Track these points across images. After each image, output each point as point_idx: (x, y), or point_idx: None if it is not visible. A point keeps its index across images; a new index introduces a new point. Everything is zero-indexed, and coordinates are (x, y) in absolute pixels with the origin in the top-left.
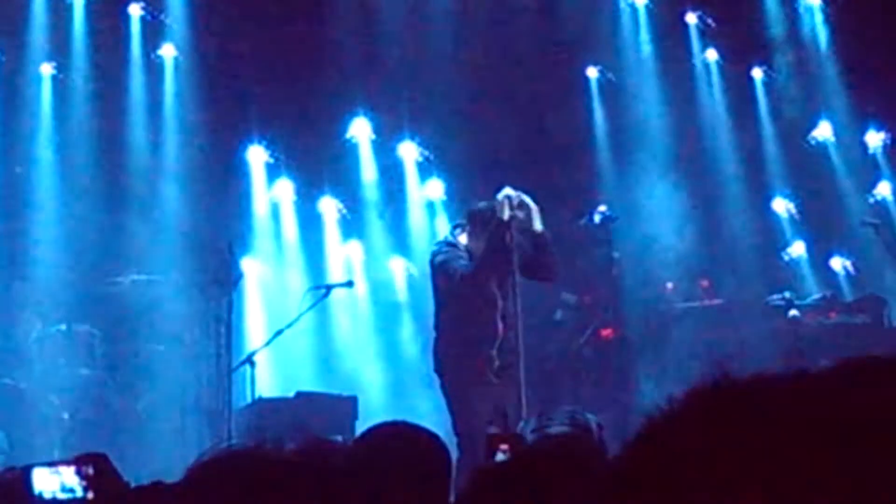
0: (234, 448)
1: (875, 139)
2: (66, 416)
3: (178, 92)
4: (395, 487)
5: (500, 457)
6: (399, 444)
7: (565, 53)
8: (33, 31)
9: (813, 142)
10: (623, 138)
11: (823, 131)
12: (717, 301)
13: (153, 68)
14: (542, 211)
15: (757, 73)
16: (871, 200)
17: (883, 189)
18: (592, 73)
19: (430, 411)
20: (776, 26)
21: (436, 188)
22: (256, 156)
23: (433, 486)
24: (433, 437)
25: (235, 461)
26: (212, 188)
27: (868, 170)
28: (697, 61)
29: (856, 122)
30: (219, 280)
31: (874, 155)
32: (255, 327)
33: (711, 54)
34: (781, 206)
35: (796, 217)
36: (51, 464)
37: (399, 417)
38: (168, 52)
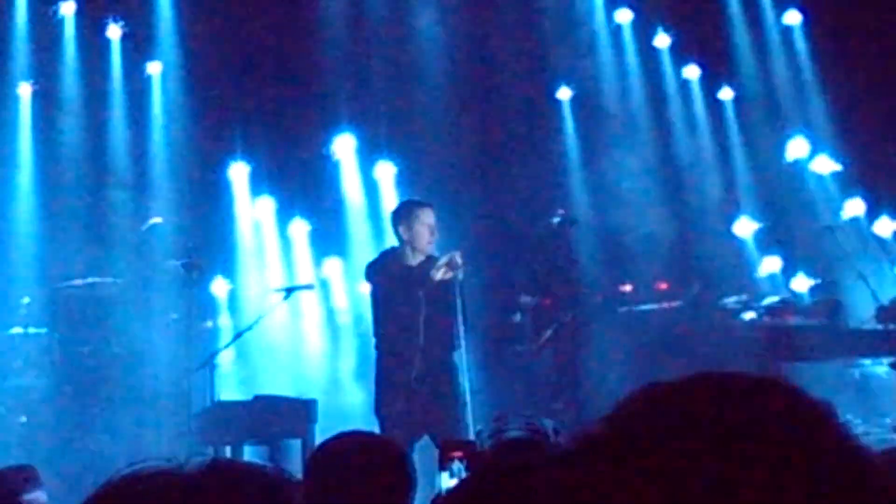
0: (134, 472)
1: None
2: (23, 419)
3: (163, 108)
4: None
5: (455, 464)
6: (357, 457)
7: (540, 73)
8: (15, 48)
9: (786, 161)
10: (593, 152)
11: (797, 150)
12: (675, 303)
13: (137, 85)
14: (502, 216)
15: (728, 94)
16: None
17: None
18: (565, 93)
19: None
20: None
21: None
22: (238, 173)
23: (395, 497)
24: (392, 445)
25: (131, 487)
26: (194, 203)
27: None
28: (670, 81)
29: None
30: (181, 282)
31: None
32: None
33: (690, 72)
34: (747, 227)
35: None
36: None
37: (359, 420)
38: (155, 69)
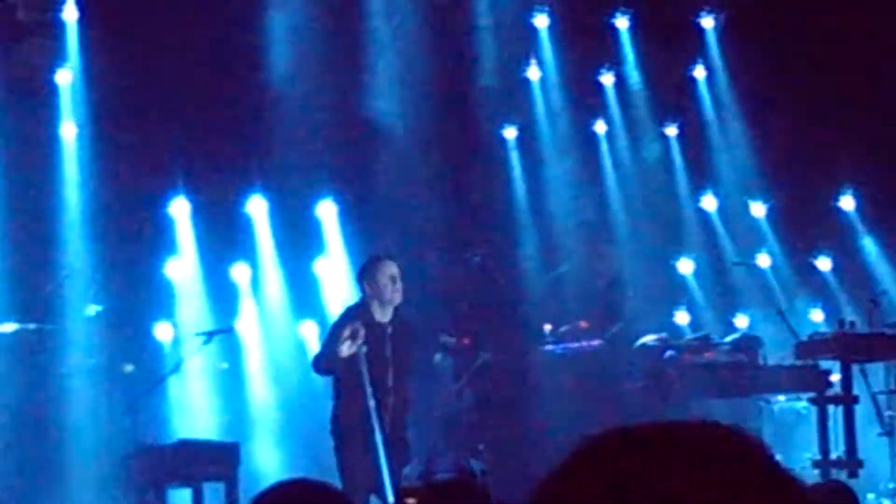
0: None
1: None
2: None
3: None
4: None
5: None
6: None
7: (483, 112)
8: None
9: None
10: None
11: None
12: (596, 342)
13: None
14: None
15: (671, 131)
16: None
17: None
18: (511, 133)
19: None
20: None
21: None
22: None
23: None
24: (336, 496)
25: None
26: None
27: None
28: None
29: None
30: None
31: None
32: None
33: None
34: (687, 266)
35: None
36: None
37: (286, 463)
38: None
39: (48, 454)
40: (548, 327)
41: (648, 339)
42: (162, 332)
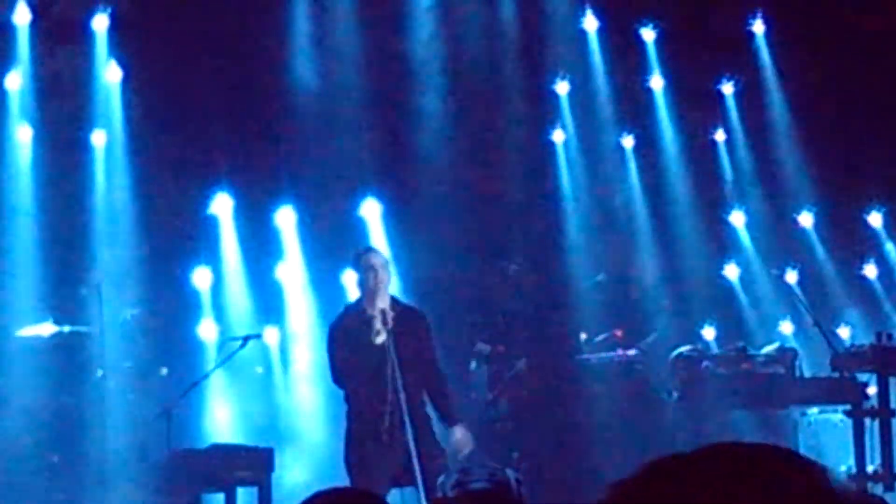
0: None
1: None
2: None
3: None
4: None
5: None
6: None
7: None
8: None
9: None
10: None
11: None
12: (631, 352)
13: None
14: (452, 261)
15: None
16: None
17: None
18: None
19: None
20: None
21: None
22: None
23: None
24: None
25: None
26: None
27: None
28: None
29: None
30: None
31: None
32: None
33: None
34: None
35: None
36: None
37: (322, 470)
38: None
39: (83, 457)
40: (584, 336)
41: (684, 349)
42: (199, 334)
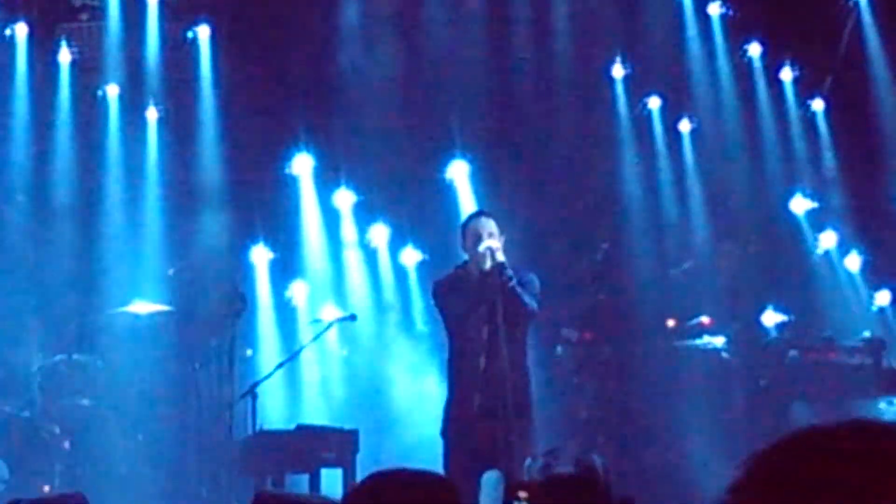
0: None
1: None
2: (66, 445)
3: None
4: None
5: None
6: (400, 496)
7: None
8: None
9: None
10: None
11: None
12: (719, 339)
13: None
14: (539, 247)
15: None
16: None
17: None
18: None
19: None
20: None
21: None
22: (303, 166)
23: None
24: (443, 486)
25: None
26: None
27: None
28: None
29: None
30: (223, 312)
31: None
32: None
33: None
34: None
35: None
36: (35, 501)
37: (404, 451)
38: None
39: (167, 438)
40: (671, 323)
41: (773, 337)
42: (285, 316)
